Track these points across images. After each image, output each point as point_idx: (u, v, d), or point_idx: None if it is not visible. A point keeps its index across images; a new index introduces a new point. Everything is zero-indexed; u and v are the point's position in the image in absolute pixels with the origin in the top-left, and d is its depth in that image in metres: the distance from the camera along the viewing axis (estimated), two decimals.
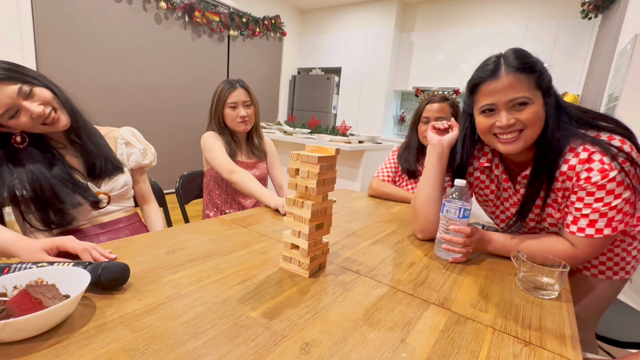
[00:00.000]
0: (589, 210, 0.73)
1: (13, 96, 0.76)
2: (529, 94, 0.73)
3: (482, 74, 0.77)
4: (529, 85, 0.73)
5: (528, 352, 0.50)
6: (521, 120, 0.74)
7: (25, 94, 0.77)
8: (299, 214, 0.66)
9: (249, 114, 1.40)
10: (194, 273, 0.65)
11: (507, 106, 0.75)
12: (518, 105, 0.74)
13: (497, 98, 0.75)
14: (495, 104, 0.76)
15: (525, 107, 0.74)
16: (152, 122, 3.58)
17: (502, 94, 0.74)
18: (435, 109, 1.38)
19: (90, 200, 0.92)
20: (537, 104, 0.74)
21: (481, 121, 0.80)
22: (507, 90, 0.74)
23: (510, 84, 0.73)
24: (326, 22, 5.13)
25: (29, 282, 0.50)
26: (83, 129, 0.93)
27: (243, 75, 4.44)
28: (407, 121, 5.01)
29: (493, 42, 4.03)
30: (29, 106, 0.77)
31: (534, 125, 0.75)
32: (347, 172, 2.78)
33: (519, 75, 0.73)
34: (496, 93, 0.75)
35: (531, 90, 0.73)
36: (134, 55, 3.33)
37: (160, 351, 0.43)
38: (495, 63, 0.75)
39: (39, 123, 0.81)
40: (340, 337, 0.49)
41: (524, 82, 0.73)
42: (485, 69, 0.77)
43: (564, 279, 0.68)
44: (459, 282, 0.71)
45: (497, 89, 0.75)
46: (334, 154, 0.66)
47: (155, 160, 1.15)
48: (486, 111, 0.78)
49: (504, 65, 0.74)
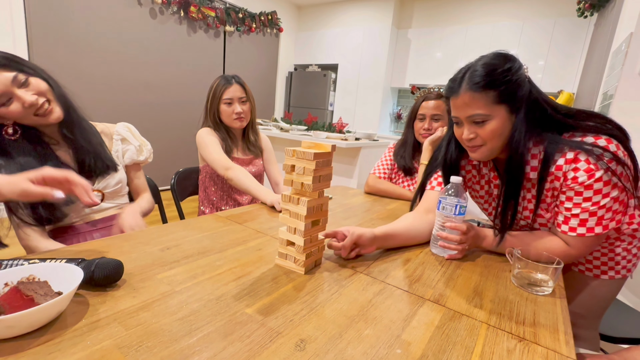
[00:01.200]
0: (578, 210, 0.74)
1: (7, 83, 0.75)
2: (486, 111, 0.75)
3: (449, 89, 0.80)
4: (487, 102, 0.74)
5: (522, 347, 0.50)
6: (480, 136, 0.78)
7: (19, 82, 0.77)
8: (295, 211, 0.66)
9: (244, 110, 1.39)
10: (189, 270, 0.64)
11: (468, 121, 0.78)
12: (477, 121, 0.77)
13: (459, 113, 0.79)
14: (458, 117, 0.80)
15: (484, 123, 0.76)
16: (147, 117, 3.55)
17: (462, 110, 0.77)
18: (431, 106, 1.38)
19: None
20: (497, 119, 0.75)
21: (455, 129, 0.85)
22: (465, 108, 0.76)
23: (466, 102, 0.76)
24: (323, 19, 5.11)
25: (20, 278, 0.49)
26: (76, 124, 0.91)
27: (239, 71, 4.41)
28: (403, 118, 5.01)
29: (489, 40, 4.04)
30: (22, 95, 0.77)
31: (492, 140, 0.77)
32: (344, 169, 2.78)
33: (474, 93, 0.74)
34: (458, 108, 0.78)
35: (489, 107, 0.74)
36: (129, 50, 3.29)
37: (154, 348, 0.42)
38: (459, 80, 0.77)
39: (31, 113, 0.79)
40: (336, 334, 0.49)
41: (481, 100, 0.74)
42: (451, 84, 0.80)
43: (558, 276, 0.68)
44: (454, 279, 0.71)
45: (457, 105, 0.78)
46: (330, 150, 0.65)
47: (151, 157, 1.14)
48: (457, 122, 0.82)
49: (465, 82, 0.75)
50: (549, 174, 0.76)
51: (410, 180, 1.49)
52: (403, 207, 1.31)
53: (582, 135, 0.75)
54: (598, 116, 0.78)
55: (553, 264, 0.68)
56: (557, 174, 0.75)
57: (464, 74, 0.77)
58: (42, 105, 0.80)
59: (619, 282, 0.92)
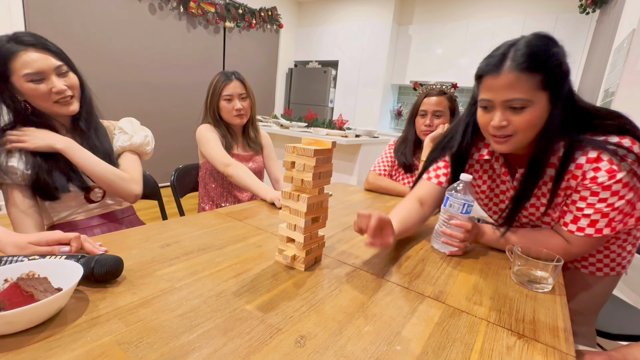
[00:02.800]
0: (591, 210, 0.72)
1: (51, 66, 0.83)
2: (529, 96, 0.67)
3: (486, 66, 0.72)
4: (531, 86, 0.67)
5: (522, 344, 0.50)
6: (513, 125, 0.71)
7: (60, 71, 0.86)
8: (295, 207, 0.66)
9: (244, 106, 1.38)
10: (189, 266, 0.64)
11: (503, 106, 0.71)
12: (514, 107, 0.69)
13: (494, 95, 0.71)
14: (492, 101, 0.72)
15: (522, 110, 0.69)
16: (146, 114, 3.54)
17: (500, 92, 0.69)
18: (432, 102, 1.37)
19: (77, 183, 0.91)
20: (537, 107, 0.69)
21: (480, 115, 0.77)
22: (505, 90, 0.68)
23: (509, 83, 0.68)
24: (323, 14, 5.07)
25: (20, 275, 0.49)
26: (94, 124, 0.98)
27: (239, 67, 4.39)
28: (404, 115, 5.00)
29: (491, 36, 4.01)
30: (55, 81, 0.84)
31: (525, 131, 0.71)
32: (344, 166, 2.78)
33: (520, 74, 0.66)
34: (494, 90, 0.70)
35: (532, 92, 0.67)
36: (127, 47, 3.27)
37: (155, 344, 0.42)
38: (501, 56, 0.69)
39: (53, 99, 0.85)
40: (336, 330, 0.49)
41: (525, 82, 0.67)
42: (490, 60, 0.71)
43: (557, 273, 0.68)
44: (454, 276, 0.71)
45: (495, 86, 0.70)
46: (330, 147, 0.65)
47: (149, 144, 1.09)
48: (486, 107, 0.75)
49: (509, 60, 0.68)
50: (567, 172, 0.73)
51: (411, 177, 1.48)
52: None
53: (606, 135, 0.71)
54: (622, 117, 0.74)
55: (553, 261, 0.68)
56: (575, 173, 0.72)
57: (507, 51, 0.68)
58: (66, 96, 0.87)
59: (614, 278, 0.92)
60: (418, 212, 0.88)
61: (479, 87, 0.76)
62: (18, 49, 0.80)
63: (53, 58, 0.84)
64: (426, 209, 0.92)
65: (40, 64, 0.81)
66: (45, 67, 0.82)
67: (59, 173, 0.88)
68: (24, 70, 0.80)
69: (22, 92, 0.83)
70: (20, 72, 0.80)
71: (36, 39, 0.83)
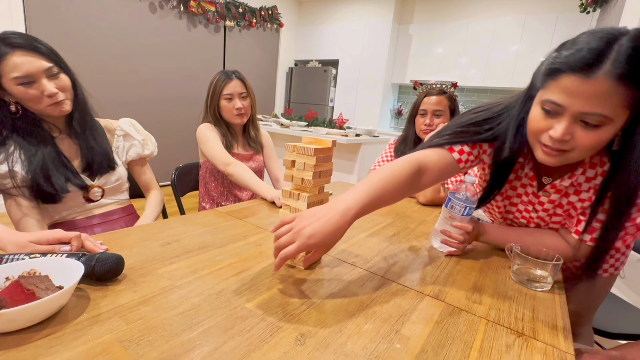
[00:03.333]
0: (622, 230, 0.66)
1: (40, 69, 0.81)
2: (613, 113, 0.54)
3: (573, 61, 0.54)
4: (621, 102, 0.53)
5: (521, 343, 0.50)
6: (576, 140, 0.58)
7: (51, 73, 0.83)
8: (295, 206, 0.66)
9: (245, 105, 1.38)
10: (189, 265, 0.64)
11: (575, 117, 0.57)
12: (588, 123, 0.56)
13: (572, 102, 0.55)
14: (564, 107, 0.57)
15: (595, 128, 0.56)
16: (147, 113, 3.54)
17: (581, 101, 0.54)
18: (433, 101, 1.37)
19: (76, 183, 0.91)
20: (612, 127, 0.56)
21: (536, 116, 0.62)
22: (590, 100, 0.53)
23: (599, 93, 0.53)
24: (324, 14, 5.07)
25: (21, 273, 0.50)
26: (89, 124, 0.96)
27: (239, 66, 4.39)
28: (404, 115, 5.00)
29: (491, 35, 4.01)
30: (45, 84, 0.81)
31: (587, 151, 0.60)
32: (344, 165, 2.78)
33: (618, 85, 0.51)
34: (575, 95, 0.55)
35: (618, 109, 0.54)
36: (128, 45, 3.27)
37: (155, 342, 0.43)
38: (598, 53, 0.52)
39: (46, 102, 0.83)
40: (336, 328, 0.49)
41: (618, 96, 0.52)
42: (579, 55, 0.53)
43: (557, 272, 0.69)
44: (453, 275, 0.72)
45: (580, 91, 0.54)
46: (330, 145, 0.65)
47: (156, 150, 1.14)
48: (549, 110, 0.60)
49: (610, 61, 0.51)
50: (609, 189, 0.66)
51: None
52: (403, 202, 1.31)
53: None
54: None
55: (552, 261, 0.68)
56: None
57: (607, 48, 0.52)
58: (57, 99, 0.84)
59: (610, 279, 0.92)
60: (407, 180, 0.69)
61: (547, 82, 0.59)
62: (6, 51, 0.77)
63: (43, 60, 0.81)
64: (425, 179, 0.74)
65: (28, 66, 0.79)
66: (34, 70, 0.80)
67: (57, 174, 0.87)
68: (12, 74, 0.78)
69: (13, 94, 0.81)
70: (9, 75, 0.78)
71: (25, 39, 0.80)
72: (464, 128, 0.77)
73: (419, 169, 0.72)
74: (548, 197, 0.77)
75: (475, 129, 0.77)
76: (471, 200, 0.79)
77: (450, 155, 0.76)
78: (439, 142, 0.78)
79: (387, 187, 0.65)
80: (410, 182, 0.70)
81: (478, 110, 0.80)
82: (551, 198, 0.77)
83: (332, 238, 0.57)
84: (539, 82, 0.62)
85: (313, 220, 0.56)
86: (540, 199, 0.79)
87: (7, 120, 0.84)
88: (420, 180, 0.74)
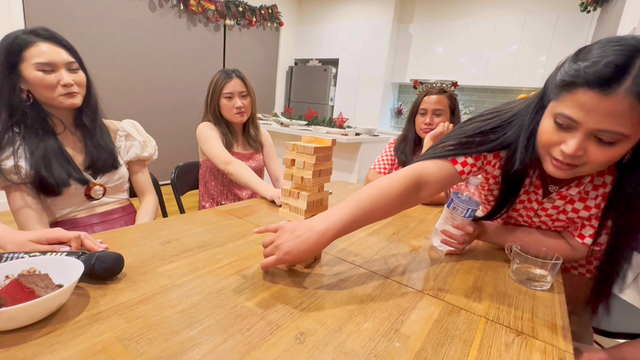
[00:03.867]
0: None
1: (62, 61, 0.86)
2: (630, 131, 0.51)
3: (592, 75, 0.50)
4: (638, 119, 0.50)
5: (520, 341, 0.51)
6: (589, 156, 0.56)
7: (71, 67, 0.89)
8: (295, 205, 0.66)
9: (245, 104, 1.38)
10: (189, 263, 0.64)
11: (589, 133, 0.54)
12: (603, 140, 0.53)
13: (588, 118, 0.52)
14: (579, 123, 0.54)
15: (609, 145, 0.54)
16: (147, 112, 3.53)
17: (598, 118, 0.51)
18: (433, 100, 1.37)
19: (76, 177, 0.92)
20: (627, 144, 0.54)
21: (548, 129, 0.60)
22: (607, 117, 0.51)
23: (618, 111, 0.50)
24: (324, 13, 5.06)
25: (21, 271, 0.49)
26: (98, 123, 1.00)
27: (239, 65, 4.38)
28: (404, 114, 4.99)
29: (491, 35, 4.01)
30: (64, 74, 0.87)
31: (597, 166, 0.58)
32: (344, 165, 2.78)
33: (638, 103, 0.48)
34: (592, 112, 0.51)
35: (637, 126, 0.51)
36: (127, 44, 3.26)
37: (155, 340, 0.43)
38: (618, 70, 0.49)
39: (60, 91, 0.87)
40: (335, 327, 0.49)
41: (637, 114, 0.49)
42: (598, 69, 0.50)
43: (556, 271, 0.69)
44: (453, 273, 0.72)
45: (596, 108, 0.51)
46: (330, 144, 0.65)
47: (156, 154, 1.15)
48: (562, 124, 0.57)
49: (630, 79, 0.48)
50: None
51: None
52: None
53: None
54: None
55: (552, 260, 0.68)
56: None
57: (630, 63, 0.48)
58: (71, 90, 0.89)
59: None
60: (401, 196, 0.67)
61: (562, 94, 0.56)
62: (34, 40, 0.83)
63: (67, 53, 0.88)
64: (424, 193, 0.73)
65: (52, 56, 0.84)
66: (57, 60, 0.85)
67: (58, 167, 0.88)
68: (36, 59, 0.82)
69: (28, 80, 0.83)
70: (31, 61, 0.82)
71: (52, 34, 0.87)
72: (469, 138, 0.74)
73: (418, 184, 0.71)
74: (552, 203, 0.76)
75: (480, 139, 0.73)
76: (474, 202, 0.78)
77: (453, 167, 0.74)
78: (441, 153, 0.76)
79: (375, 205, 0.64)
80: (407, 197, 0.69)
81: (485, 118, 0.76)
82: (555, 204, 0.76)
83: (309, 255, 0.60)
84: (553, 93, 0.59)
85: (291, 238, 0.59)
86: (544, 205, 0.78)
87: (17, 107, 0.85)
88: (419, 195, 0.72)
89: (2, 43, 0.82)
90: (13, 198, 0.86)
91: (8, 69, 0.82)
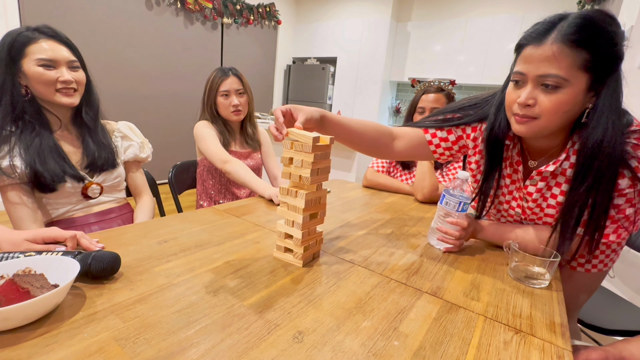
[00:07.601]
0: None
1: (64, 58, 0.88)
2: (567, 74, 0.60)
3: (529, 34, 0.64)
4: (572, 64, 0.60)
5: (519, 339, 0.51)
6: (540, 106, 0.64)
7: (72, 65, 0.90)
8: (293, 204, 0.66)
9: (241, 102, 1.38)
10: (187, 262, 0.64)
11: (536, 82, 0.64)
12: (546, 84, 0.62)
13: (530, 68, 0.64)
14: (525, 75, 0.65)
15: (554, 90, 0.62)
16: (144, 111, 3.52)
17: (536, 65, 0.62)
18: (431, 99, 1.37)
19: (71, 174, 0.91)
20: (571, 89, 0.61)
21: (509, 90, 0.70)
22: (543, 63, 0.61)
23: (549, 56, 0.60)
24: (322, 11, 5.05)
25: (16, 271, 0.49)
26: (99, 122, 1.01)
27: (237, 64, 4.36)
28: (402, 112, 4.99)
29: (489, 33, 4.01)
30: (64, 71, 0.88)
31: (550, 115, 0.64)
32: (342, 163, 2.78)
33: (565, 47, 0.59)
34: (531, 61, 0.63)
35: (572, 70, 0.60)
36: (124, 42, 3.24)
37: (152, 340, 0.42)
38: (548, 25, 0.62)
39: (57, 87, 0.87)
40: (334, 326, 0.49)
41: (568, 58, 0.59)
42: (535, 28, 0.64)
43: (554, 269, 0.69)
44: (451, 272, 0.72)
45: (534, 57, 0.63)
46: (328, 143, 0.65)
47: (151, 156, 1.16)
48: (517, 81, 0.67)
49: (557, 30, 0.60)
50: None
51: (409, 173, 1.48)
52: (401, 200, 1.31)
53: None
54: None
55: (550, 257, 0.68)
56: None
57: (556, 20, 0.62)
58: (70, 88, 0.89)
59: (598, 275, 0.91)
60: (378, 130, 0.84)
61: (516, 58, 0.69)
62: (38, 37, 0.84)
63: (68, 52, 0.89)
64: (396, 144, 0.88)
65: (55, 53, 0.86)
66: (59, 57, 0.86)
67: (53, 163, 0.88)
68: (38, 55, 0.83)
69: (28, 75, 0.84)
70: (33, 56, 0.83)
71: (56, 32, 0.89)
72: (449, 114, 0.87)
73: (392, 134, 0.87)
74: (535, 185, 0.79)
75: (460, 114, 0.86)
76: (465, 196, 0.79)
77: (423, 137, 0.88)
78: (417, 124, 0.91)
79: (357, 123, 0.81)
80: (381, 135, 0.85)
81: (471, 97, 0.89)
82: (538, 187, 0.78)
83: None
84: (513, 62, 0.71)
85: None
86: (528, 189, 0.80)
87: (17, 102, 0.85)
88: (392, 144, 0.86)
89: (6, 39, 0.83)
90: (7, 196, 0.86)
91: (10, 64, 0.83)
